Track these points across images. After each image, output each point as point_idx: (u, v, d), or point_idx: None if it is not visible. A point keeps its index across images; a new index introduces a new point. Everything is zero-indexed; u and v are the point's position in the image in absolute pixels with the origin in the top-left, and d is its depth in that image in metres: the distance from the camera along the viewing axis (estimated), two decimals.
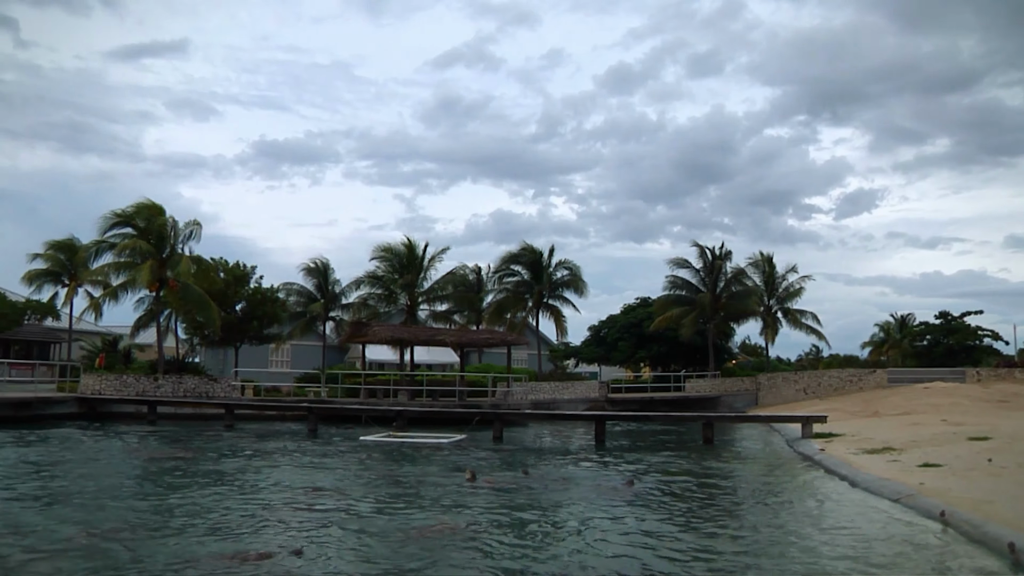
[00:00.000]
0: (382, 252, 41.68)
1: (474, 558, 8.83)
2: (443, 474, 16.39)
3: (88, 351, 45.08)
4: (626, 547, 9.53)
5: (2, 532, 9.70)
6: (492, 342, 41.32)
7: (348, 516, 11.34)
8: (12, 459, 17.62)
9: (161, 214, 34.15)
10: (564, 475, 16.87)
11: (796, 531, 10.63)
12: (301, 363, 48.62)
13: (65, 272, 42.49)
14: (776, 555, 9.16)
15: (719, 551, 9.42)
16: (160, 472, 16.29)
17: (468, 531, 10.25)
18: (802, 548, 9.49)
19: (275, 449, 21.48)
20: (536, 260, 44.83)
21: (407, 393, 35.70)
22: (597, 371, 62.34)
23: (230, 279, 38.12)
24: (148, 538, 9.55)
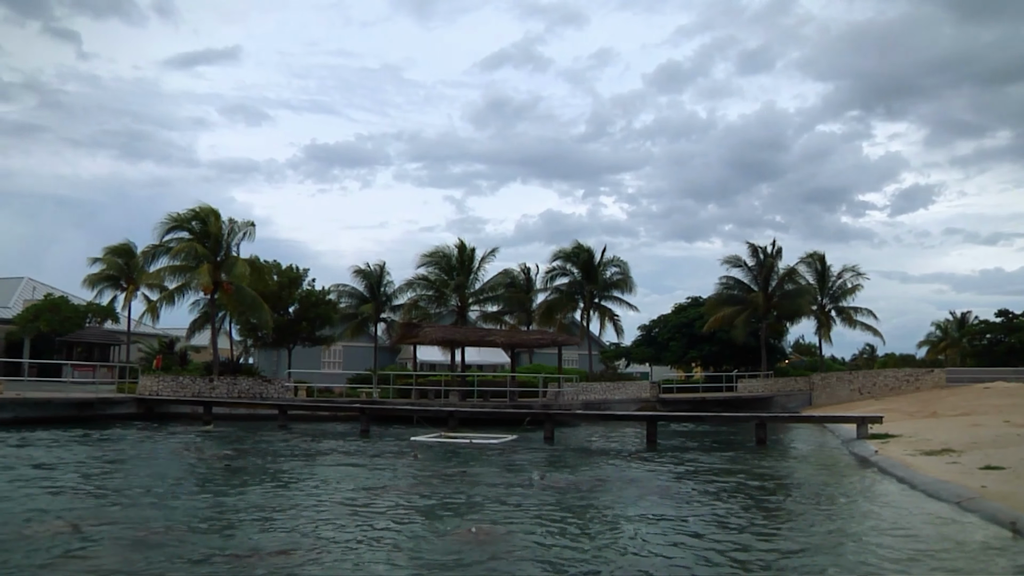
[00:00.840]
0: (432, 254, 41.87)
1: (523, 561, 8.84)
2: (496, 475, 16.41)
3: (146, 353, 45.90)
4: (679, 548, 9.48)
5: (88, 526, 9.92)
6: (543, 342, 41.32)
7: (399, 516, 11.42)
8: (83, 457, 17.99)
9: (217, 217, 34.67)
10: (615, 475, 16.82)
11: (852, 533, 10.49)
12: (353, 364, 49.06)
13: (123, 276, 43.34)
14: (833, 557, 9.05)
15: (775, 552, 9.32)
16: (218, 471, 16.55)
17: (518, 533, 10.26)
18: (858, 550, 9.36)
19: (328, 449, 21.70)
20: (587, 259, 44.69)
21: (458, 394, 35.83)
22: (648, 371, 62.03)
23: (284, 281, 38.59)
24: (203, 533, 9.72)
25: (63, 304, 47.80)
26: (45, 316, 46.49)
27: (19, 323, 47.29)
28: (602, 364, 57.33)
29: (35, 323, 46.41)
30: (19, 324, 47.25)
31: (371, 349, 44.65)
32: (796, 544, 9.82)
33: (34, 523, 10.22)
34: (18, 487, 13.28)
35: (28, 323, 46.66)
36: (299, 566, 8.34)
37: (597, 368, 51.45)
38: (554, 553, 9.15)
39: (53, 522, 10.29)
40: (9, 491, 12.81)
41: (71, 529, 9.87)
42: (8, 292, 54.53)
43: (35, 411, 27.47)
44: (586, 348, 47.10)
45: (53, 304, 47.51)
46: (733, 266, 48.93)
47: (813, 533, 10.59)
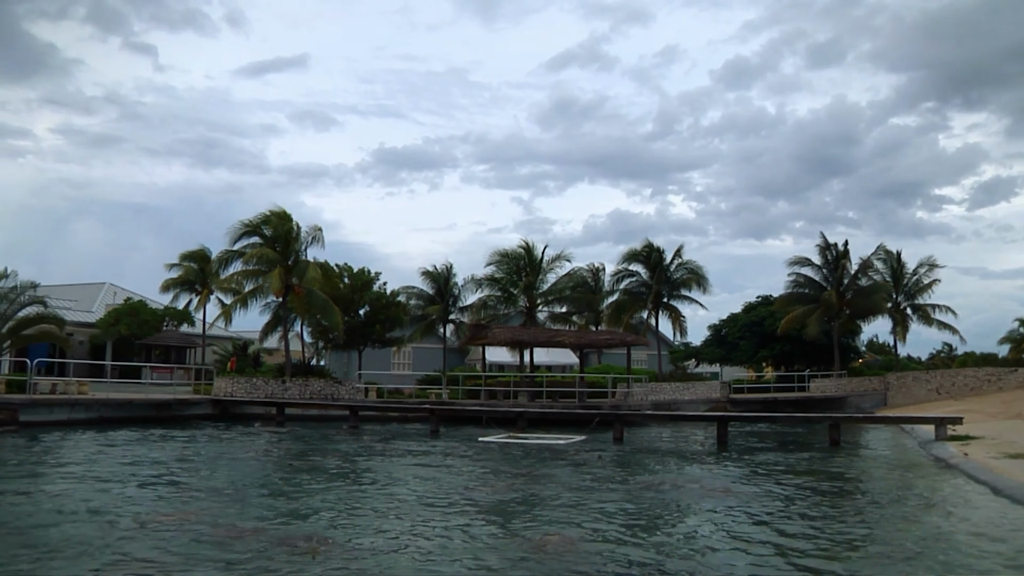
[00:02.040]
0: (500, 255, 42.01)
1: (592, 566, 8.84)
2: (566, 476, 16.42)
3: (220, 355, 46.89)
4: (756, 553, 9.39)
5: (175, 521, 10.24)
6: (611, 343, 41.19)
7: (469, 517, 11.49)
8: (169, 456, 18.47)
9: (288, 221, 35.27)
10: (686, 477, 16.71)
11: (935, 537, 10.25)
12: (422, 365, 49.47)
13: (198, 280, 44.36)
14: (919, 562, 8.86)
15: (852, 556, 9.18)
16: (293, 470, 16.86)
17: (587, 537, 10.25)
18: (944, 557, 9.13)
19: (399, 449, 21.90)
20: (655, 259, 44.41)
21: (527, 394, 35.90)
22: (718, 371, 61.38)
23: (355, 284, 39.09)
24: (282, 528, 9.93)
25: (142, 308, 49.21)
26: (125, 320, 47.92)
27: (101, 327, 48.83)
28: (671, 364, 56.91)
29: (116, 327, 47.88)
30: (101, 328, 48.79)
31: (440, 350, 44.98)
32: (877, 547, 9.65)
33: (142, 516, 10.62)
34: (125, 483, 13.71)
35: (110, 327, 48.17)
36: (368, 563, 8.46)
37: (666, 368, 51.06)
38: (624, 557, 9.13)
39: (158, 516, 10.73)
40: (118, 486, 13.22)
41: (178, 522, 10.22)
42: (91, 297, 56.38)
43: (117, 411, 28.29)
44: (655, 348, 46.80)
45: (132, 308, 48.96)
46: (804, 264, 48.15)
47: (893, 535, 10.39)
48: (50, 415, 26.07)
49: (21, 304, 31.03)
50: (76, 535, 9.57)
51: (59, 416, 26.25)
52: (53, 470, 15.85)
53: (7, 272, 31.21)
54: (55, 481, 14.19)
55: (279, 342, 39.72)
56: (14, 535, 9.47)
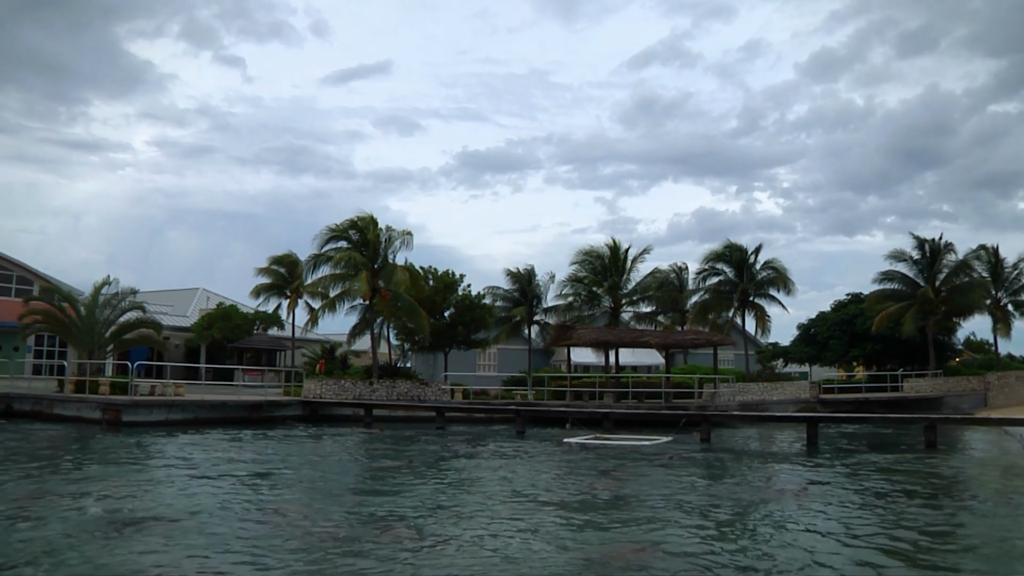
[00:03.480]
0: (584, 255, 41.89)
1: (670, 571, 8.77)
2: (653, 477, 16.32)
3: (309, 358, 47.78)
4: (845, 553, 9.21)
5: (291, 516, 10.55)
6: (697, 343, 40.74)
7: (551, 516, 11.51)
8: (265, 455, 18.96)
9: (374, 225, 35.77)
10: (776, 478, 16.46)
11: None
12: (507, 366, 49.64)
13: (287, 285, 45.33)
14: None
15: (953, 562, 8.93)
16: (384, 469, 17.11)
17: (668, 540, 10.17)
18: None
19: (485, 450, 22.03)
20: (741, 258, 43.75)
21: (613, 395, 35.74)
22: (807, 371, 60.14)
23: (440, 287, 39.43)
24: (371, 525, 10.10)
25: (233, 312, 50.54)
26: (218, 324, 49.28)
27: (196, 331, 50.31)
28: (759, 364, 55.98)
29: (209, 331, 49.27)
30: (196, 332, 50.28)
31: (525, 351, 45.08)
32: (982, 552, 9.37)
33: (263, 509, 11.01)
34: (237, 479, 14.12)
35: (203, 331, 49.60)
36: (449, 559, 8.55)
37: (754, 368, 50.23)
38: (707, 563, 9.04)
39: (278, 509, 11.21)
40: (229, 485, 13.64)
41: (296, 514, 10.54)
42: (186, 302, 58.16)
43: (211, 412, 29.11)
44: (742, 348, 46.11)
45: (225, 313, 50.33)
46: (897, 260, 46.81)
47: (998, 542, 10.07)
48: (149, 416, 26.98)
49: (122, 310, 32.19)
50: (219, 528, 10.04)
51: (158, 417, 27.14)
52: (168, 467, 16.40)
53: (109, 280, 32.44)
54: (173, 478, 14.68)
55: (367, 345, 40.27)
56: (177, 528, 9.85)
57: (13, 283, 45.34)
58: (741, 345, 45.76)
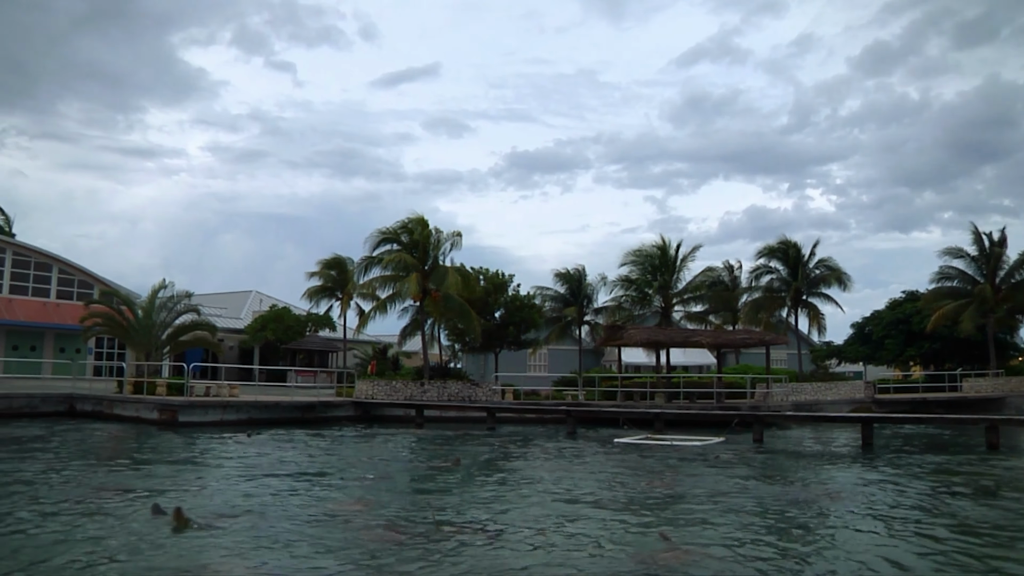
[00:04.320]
0: (634, 255, 41.71)
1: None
2: (705, 478, 16.19)
3: (361, 359, 48.25)
4: (900, 558, 9.06)
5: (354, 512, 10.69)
6: (749, 342, 40.32)
7: (601, 517, 11.46)
8: (322, 454, 19.17)
9: (425, 227, 35.95)
10: (831, 480, 16.23)
11: None
12: (558, 367, 49.64)
13: (338, 287, 45.75)
14: None
15: (1019, 571, 8.74)
16: (437, 469, 17.20)
17: (717, 542, 10.07)
18: None
19: (535, 450, 22.03)
20: (795, 255, 43.21)
21: (664, 395, 35.54)
22: (861, 371, 59.25)
23: (490, 288, 39.53)
24: (425, 526, 10.18)
25: (286, 315, 51.26)
26: (271, 326, 50.02)
27: (249, 332, 51.13)
28: (812, 364, 55.28)
29: (263, 332, 50.03)
30: (249, 333, 51.09)
31: (575, 352, 45.02)
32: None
33: (311, 510, 11.13)
34: (299, 478, 14.32)
35: (257, 332, 50.38)
36: (498, 557, 8.58)
37: (807, 368, 49.63)
38: (760, 564, 8.95)
39: (342, 506, 11.38)
40: (285, 484, 13.84)
41: (358, 511, 10.67)
42: (240, 304, 59.09)
43: (265, 413, 29.49)
44: (795, 347, 45.57)
45: (277, 315, 51.06)
46: (955, 256, 45.86)
47: None
48: (205, 416, 27.41)
49: (178, 312, 32.75)
50: (277, 526, 10.20)
51: (212, 417, 27.57)
52: (224, 467, 16.62)
53: (166, 283, 33.05)
54: (231, 477, 14.89)
55: (418, 345, 40.49)
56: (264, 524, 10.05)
57: (75, 287, 46.50)
58: (794, 344, 45.25)
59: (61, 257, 46.91)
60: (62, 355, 43.92)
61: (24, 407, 28.78)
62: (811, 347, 55.99)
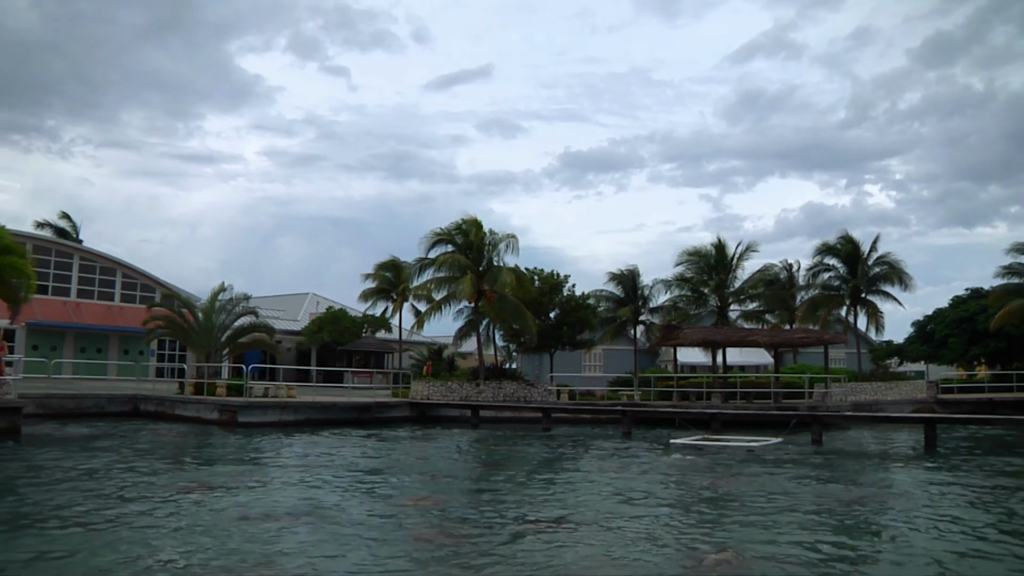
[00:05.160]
0: (689, 254, 41.41)
1: None
2: (759, 479, 16.00)
3: (416, 360, 48.51)
4: (968, 566, 8.86)
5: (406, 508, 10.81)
6: (807, 341, 39.68)
7: (657, 518, 11.39)
8: (384, 453, 19.34)
9: (479, 228, 36.07)
10: (893, 482, 15.94)
11: None
12: (613, 367, 49.46)
13: (393, 288, 46.09)
14: None
15: None
16: (495, 470, 17.25)
17: (773, 544, 9.94)
18: None
19: (591, 450, 21.97)
20: (852, 253, 42.47)
21: (720, 395, 35.22)
22: (924, 370, 58.04)
23: (545, 288, 39.52)
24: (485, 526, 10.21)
25: (342, 316, 51.81)
26: (328, 328, 50.59)
27: (306, 334, 51.78)
28: (872, 363, 54.29)
29: (319, 334, 50.63)
30: (306, 335, 51.74)
31: (631, 352, 44.82)
32: None
33: (372, 509, 11.25)
34: (348, 479, 14.49)
35: (313, 334, 51.00)
36: (544, 556, 8.57)
37: (867, 367, 48.71)
38: (820, 568, 8.81)
39: (413, 501, 11.38)
40: (347, 483, 13.99)
41: (430, 506, 10.76)
42: (297, 307, 59.87)
43: (322, 413, 29.82)
44: (854, 346, 44.80)
45: (334, 317, 51.64)
46: (1021, 252, 44.65)
47: None
48: (263, 417, 27.81)
49: (237, 315, 33.29)
50: (341, 524, 10.37)
51: (271, 418, 27.95)
52: (285, 466, 16.83)
53: (225, 286, 33.61)
54: (292, 476, 15.09)
55: (473, 346, 40.64)
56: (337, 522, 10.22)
57: (138, 291, 47.52)
58: (853, 343, 44.48)
59: (125, 262, 47.96)
60: (126, 357, 44.89)
61: (91, 407, 29.49)
62: (870, 346, 54.99)
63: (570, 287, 40.92)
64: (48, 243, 45.77)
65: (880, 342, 54.80)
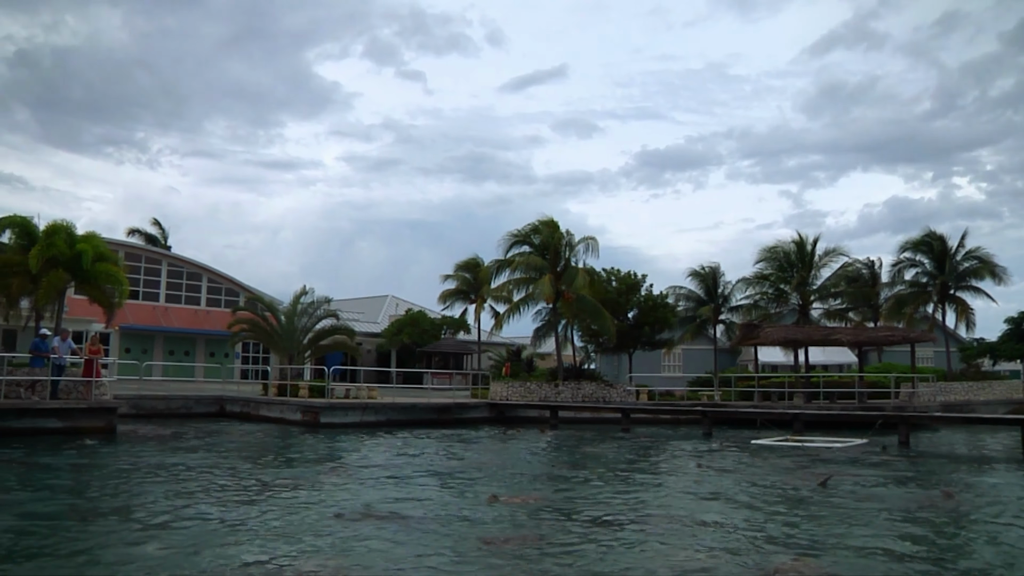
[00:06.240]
0: (769, 252, 40.77)
1: None
2: (844, 482, 15.64)
3: (495, 361, 48.70)
4: None
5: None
6: (893, 340, 38.71)
7: (736, 522, 11.20)
8: (463, 455, 19.48)
9: (556, 229, 36.09)
10: (985, 487, 15.44)
11: None
12: (692, 367, 48.95)
13: (472, 290, 46.35)
14: None
15: None
16: (577, 470, 17.22)
17: (867, 558, 9.68)
18: None
19: (671, 451, 21.80)
20: (939, 248, 41.28)
21: (802, 395, 34.61)
22: (1019, 369, 56.09)
23: (622, 288, 39.34)
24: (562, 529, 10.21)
25: (421, 318, 52.34)
26: (407, 329, 51.15)
27: (386, 336, 52.46)
28: (962, 362, 52.68)
29: (399, 336, 51.23)
30: (386, 337, 52.41)
31: (711, 351, 44.30)
32: None
33: (459, 508, 11.41)
34: (434, 479, 14.65)
35: (393, 336, 51.63)
36: (618, 557, 8.51)
37: (956, 366, 47.29)
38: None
39: (472, 510, 11.50)
40: (433, 483, 14.15)
41: (521, 504, 10.89)
42: (376, 309, 60.70)
43: (402, 414, 30.14)
44: (942, 345, 43.54)
45: (413, 318, 52.20)
46: None
47: None
48: (345, 418, 28.21)
49: (318, 317, 33.83)
50: (430, 524, 10.47)
51: (352, 419, 28.34)
52: (370, 466, 17.06)
53: (306, 289, 34.22)
54: (378, 476, 15.31)
55: (551, 347, 40.64)
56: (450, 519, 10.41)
57: (222, 295, 48.73)
58: (941, 342, 43.23)
59: (210, 267, 49.22)
60: (212, 359, 46.07)
61: (180, 408, 30.35)
62: (960, 344, 53.34)
63: (648, 287, 40.67)
64: (139, 250, 47.27)
65: (971, 340, 53.16)
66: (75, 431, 21.36)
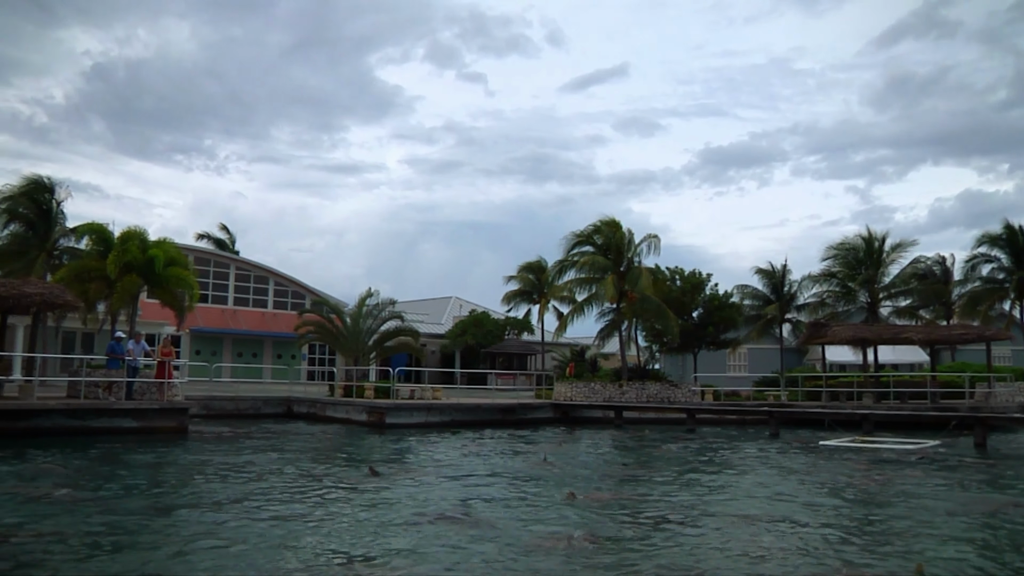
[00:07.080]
0: (836, 249, 40.07)
1: None
2: (915, 486, 15.31)
3: (559, 361, 48.68)
4: None
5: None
6: (967, 338, 37.69)
7: (803, 526, 11.03)
8: (529, 455, 19.52)
9: (618, 229, 35.96)
10: None
11: None
12: (758, 367, 48.32)
13: (535, 290, 46.41)
14: None
15: None
16: (644, 470, 17.13)
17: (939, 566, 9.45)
18: None
19: (737, 452, 21.55)
20: (1017, 242, 40.08)
21: (872, 395, 33.95)
22: None
23: (687, 287, 39.04)
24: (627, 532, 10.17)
25: (485, 319, 52.59)
26: (471, 330, 51.42)
27: (450, 337, 52.80)
28: None
29: (463, 337, 51.53)
30: (450, 338, 52.76)
31: (777, 351, 43.68)
32: None
33: (531, 509, 11.45)
34: (502, 479, 14.73)
35: (457, 337, 51.95)
36: (706, 563, 8.43)
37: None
38: None
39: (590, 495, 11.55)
40: (502, 484, 14.26)
41: (602, 501, 10.93)
42: (440, 310, 61.15)
43: (467, 415, 30.28)
44: (1021, 343, 42.33)
45: (477, 319, 52.47)
46: None
47: None
48: (410, 418, 28.45)
49: (383, 319, 34.17)
50: (501, 525, 10.46)
51: (417, 419, 28.56)
52: (444, 466, 17.18)
53: (371, 291, 34.60)
54: (448, 476, 15.44)
55: (615, 347, 40.48)
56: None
57: (289, 298, 49.58)
58: (1020, 340, 42.01)
59: (276, 270, 50.10)
60: (279, 361, 46.88)
61: (249, 408, 30.96)
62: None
63: (712, 286, 40.29)
64: (207, 254, 48.31)
65: None
66: (149, 431, 21.98)
